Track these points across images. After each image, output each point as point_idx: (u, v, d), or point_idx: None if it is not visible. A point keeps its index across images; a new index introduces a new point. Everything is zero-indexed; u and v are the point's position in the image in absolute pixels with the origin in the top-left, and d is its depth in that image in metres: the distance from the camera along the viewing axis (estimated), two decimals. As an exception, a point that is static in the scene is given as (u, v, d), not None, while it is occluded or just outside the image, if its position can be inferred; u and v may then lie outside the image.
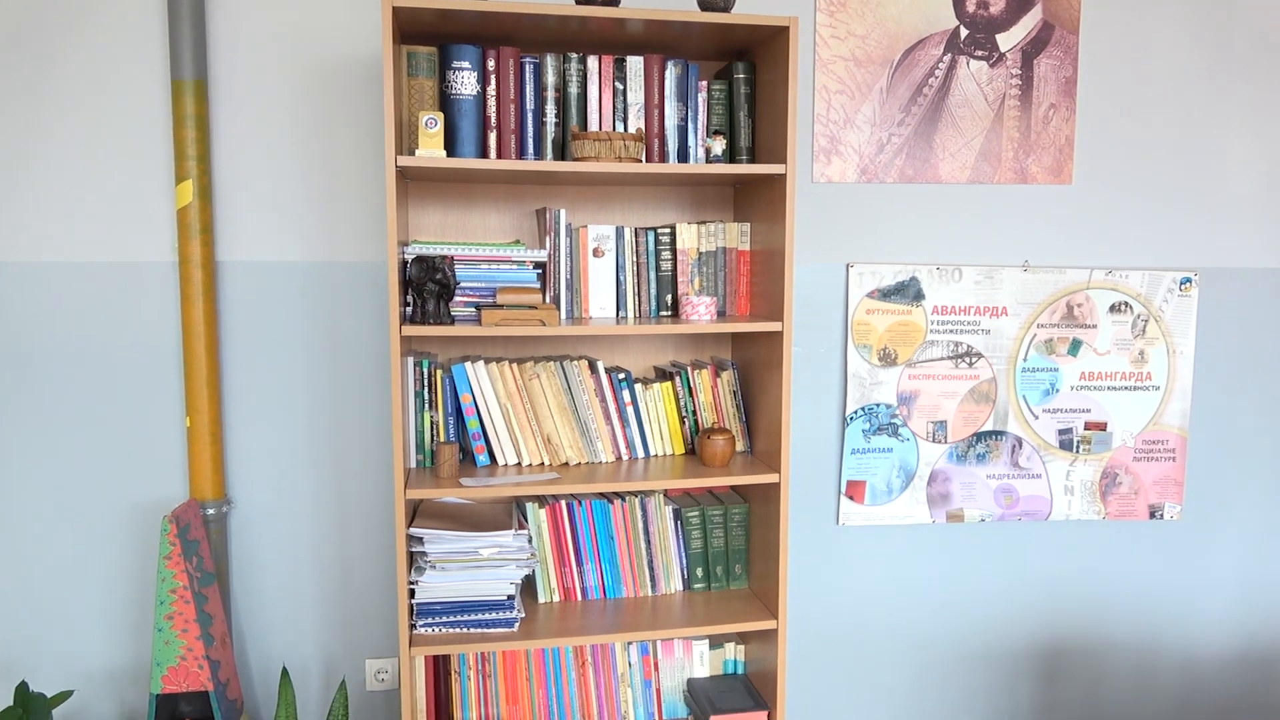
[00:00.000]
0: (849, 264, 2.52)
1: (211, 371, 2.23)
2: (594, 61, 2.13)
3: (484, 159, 1.99)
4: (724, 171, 2.08)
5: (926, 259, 2.56)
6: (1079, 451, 2.68)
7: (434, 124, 1.98)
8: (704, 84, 2.20)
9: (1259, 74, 2.66)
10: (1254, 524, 2.81)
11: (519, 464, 2.20)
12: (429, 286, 2.02)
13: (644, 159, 2.14)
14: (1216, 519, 2.79)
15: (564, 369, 2.21)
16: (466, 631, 2.10)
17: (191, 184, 2.17)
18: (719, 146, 2.15)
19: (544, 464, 2.20)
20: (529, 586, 2.35)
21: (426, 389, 2.19)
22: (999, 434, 2.63)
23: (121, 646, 2.33)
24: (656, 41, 2.15)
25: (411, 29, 2.07)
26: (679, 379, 2.30)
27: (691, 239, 2.26)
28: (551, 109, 2.11)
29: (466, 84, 2.05)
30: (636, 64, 2.14)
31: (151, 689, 2.05)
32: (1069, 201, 2.61)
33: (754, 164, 2.15)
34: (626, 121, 2.15)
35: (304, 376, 2.33)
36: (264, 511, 2.35)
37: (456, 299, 2.14)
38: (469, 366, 2.16)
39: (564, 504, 2.26)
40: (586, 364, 2.23)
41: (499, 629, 2.11)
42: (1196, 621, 2.82)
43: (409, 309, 2.09)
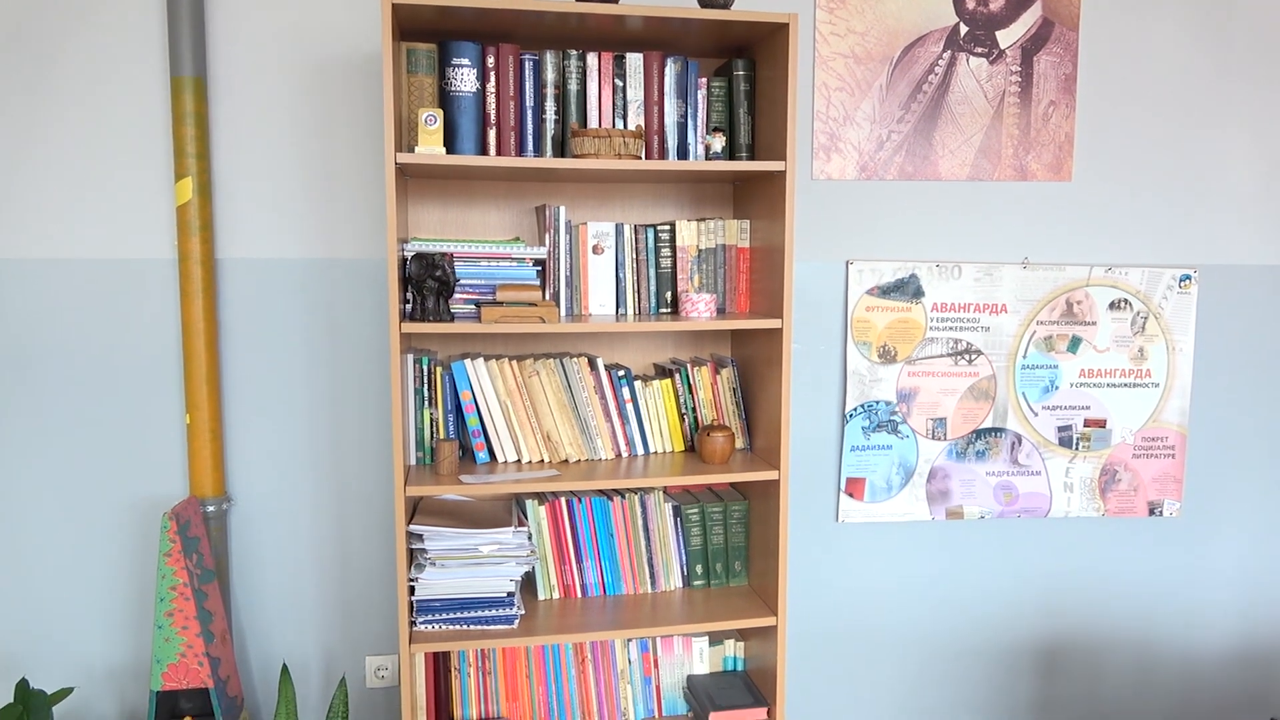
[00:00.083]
0: (848, 261, 2.52)
1: (211, 369, 2.23)
2: (593, 58, 2.12)
3: (483, 156, 1.98)
4: (723, 169, 2.07)
5: (926, 256, 2.57)
6: (1078, 448, 2.68)
7: (434, 121, 1.97)
8: (703, 81, 2.20)
9: (1259, 71, 2.66)
10: (1253, 521, 2.81)
11: (519, 461, 2.20)
12: (429, 284, 2.02)
13: (643, 156, 2.14)
14: (1215, 516, 2.79)
15: (564, 366, 2.21)
16: (466, 628, 2.10)
17: (191, 181, 2.17)
18: (718, 143, 2.15)
19: (544, 461, 2.21)
20: (529, 583, 2.35)
21: (426, 386, 2.19)
22: (998, 431, 2.64)
23: (122, 643, 2.33)
24: (656, 38, 2.15)
25: (411, 26, 2.06)
26: (678, 376, 2.30)
27: (691, 236, 2.26)
28: (551, 106, 2.11)
29: (466, 81, 2.05)
30: (636, 61, 2.14)
31: (152, 686, 2.06)
32: (1068, 198, 2.61)
33: (753, 161, 2.15)
34: (626, 118, 2.15)
35: (304, 374, 2.33)
36: (264, 509, 2.35)
37: (456, 296, 2.14)
38: (469, 364, 2.16)
39: (564, 501, 2.26)
40: (586, 361, 2.23)
41: (499, 626, 2.11)
42: (1195, 618, 2.82)
43: (409, 306, 2.09)
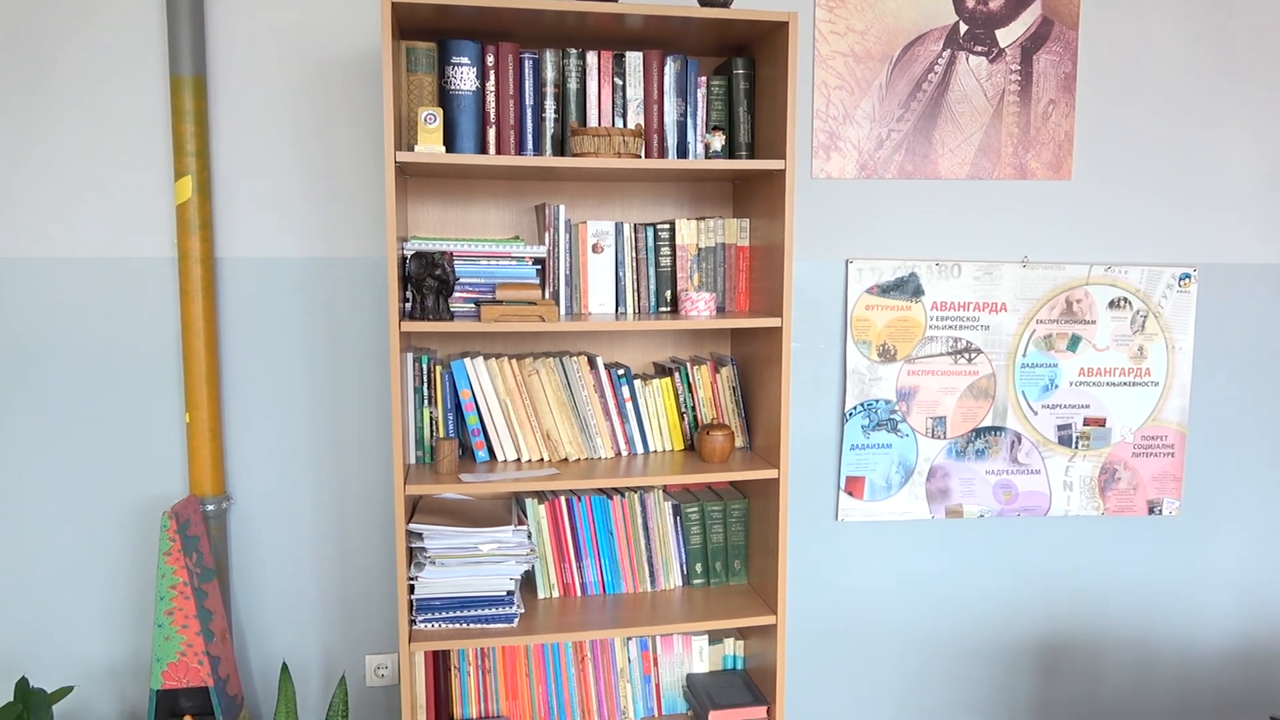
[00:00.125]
0: (848, 260, 2.52)
1: (211, 368, 2.23)
2: (593, 57, 2.12)
3: (483, 154, 1.98)
4: (723, 167, 2.07)
5: (926, 255, 2.56)
6: (1078, 447, 2.68)
7: (433, 120, 1.97)
8: (703, 80, 2.20)
9: (1259, 70, 2.66)
10: (1252, 519, 2.81)
11: (518, 460, 2.20)
12: (428, 282, 2.02)
13: (643, 155, 2.14)
14: (1215, 514, 2.79)
15: (563, 365, 2.21)
16: (466, 627, 2.10)
17: (191, 180, 2.17)
18: (718, 142, 2.15)
19: (543, 460, 2.21)
20: (528, 582, 2.35)
21: (426, 385, 2.19)
22: (998, 430, 2.64)
23: (122, 642, 2.33)
24: (656, 37, 2.15)
25: (411, 24, 2.06)
26: (678, 375, 2.30)
27: (691, 235, 2.26)
28: (551, 104, 2.11)
29: (466, 79, 2.05)
30: (636, 59, 2.14)
31: (152, 685, 2.06)
32: (1068, 197, 2.61)
33: (753, 160, 2.15)
34: (626, 117, 2.15)
35: (303, 373, 2.33)
36: (263, 507, 2.35)
37: (456, 295, 2.14)
38: (468, 362, 2.16)
39: (563, 500, 2.26)
40: (586, 360, 2.23)
41: (499, 624, 2.11)
42: (1195, 617, 2.83)
43: (408, 305, 2.09)
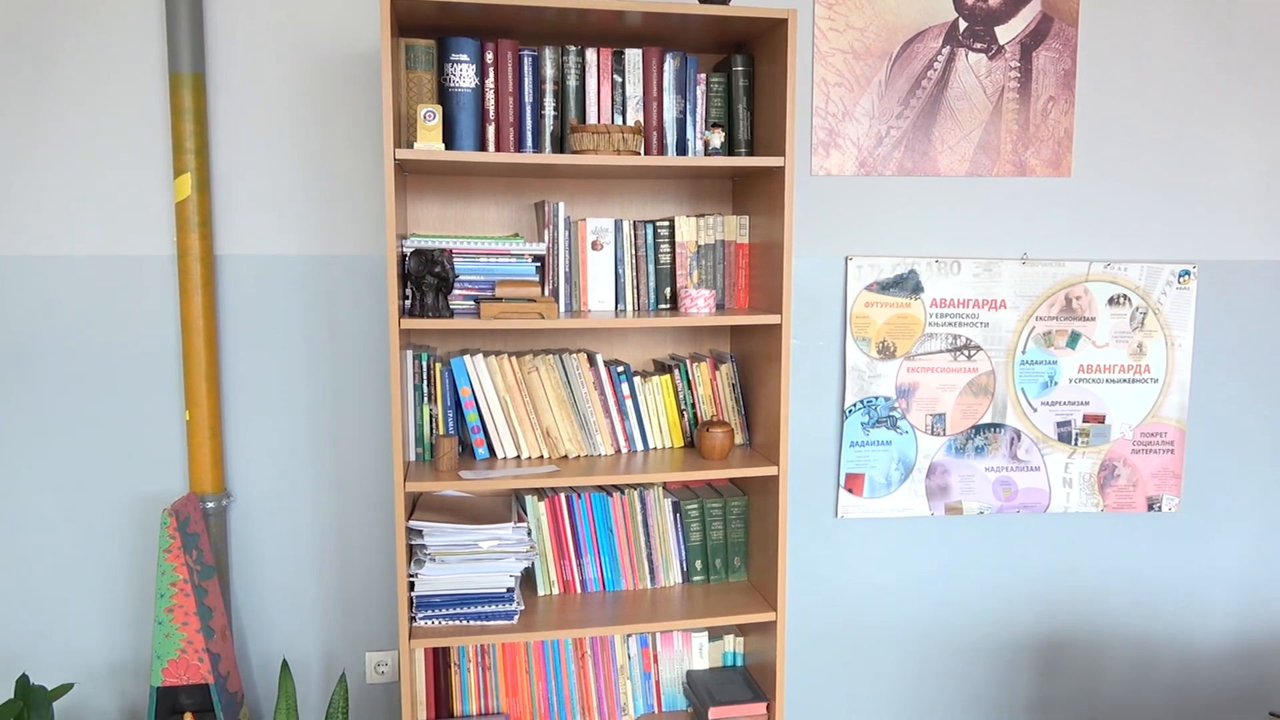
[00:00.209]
0: (848, 257, 2.52)
1: (210, 365, 2.23)
2: (592, 54, 2.12)
3: (482, 152, 1.98)
4: (722, 164, 2.07)
5: (925, 252, 2.57)
6: (1077, 444, 2.68)
7: (432, 117, 1.97)
8: (702, 77, 2.20)
9: (1258, 67, 2.66)
10: (1251, 516, 2.81)
11: (518, 457, 2.21)
12: (428, 280, 2.02)
13: (642, 152, 2.14)
14: (1214, 511, 2.79)
15: (563, 362, 2.21)
16: (466, 624, 2.11)
17: (190, 177, 2.17)
18: (717, 139, 2.15)
19: (543, 457, 2.21)
20: (528, 579, 2.36)
21: (425, 382, 2.19)
22: (998, 426, 2.64)
23: (122, 640, 2.33)
24: (655, 34, 2.15)
25: (410, 22, 2.06)
26: (678, 372, 2.30)
27: (690, 232, 2.26)
28: (550, 102, 2.11)
29: (465, 77, 2.05)
30: (635, 57, 2.14)
31: (152, 682, 2.06)
32: (1067, 194, 2.61)
33: (752, 157, 2.15)
34: (625, 114, 2.15)
35: (303, 370, 2.33)
36: (263, 505, 2.35)
37: (455, 292, 2.14)
38: (468, 360, 2.16)
39: (563, 497, 2.26)
40: (585, 357, 2.23)
41: (498, 621, 2.11)
42: (1194, 613, 2.83)
43: (408, 302, 2.09)
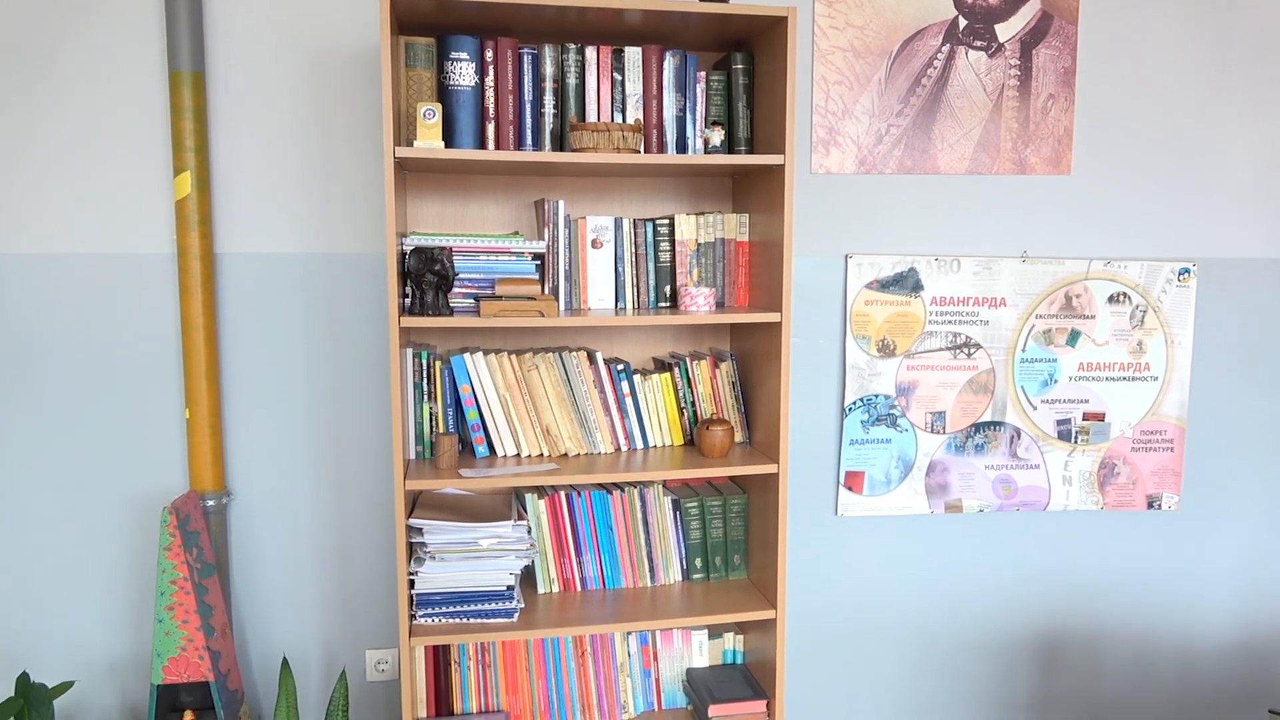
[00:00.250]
0: (847, 255, 2.52)
1: (210, 363, 2.23)
2: (592, 52, 2.12)
3: (482, 150, 1.98)
4: (722, 162, 2.07)
5: (925, 250, 2.57)
6: (1077, 442, 2.68)
7: (432, 115, 1.97)
8: (702, 75, 2.20)
9: (1258, 65, 2.66)
10: (1251, 514, 2.82)
11: (518, 455, 2.21)
12: (428, 278, 2.02)
13: (642, 150, 2.14)
14: (1214, 509, 2.79)
15: (563, 360, 2.21)
16: (466, 622, 2.11)
17: (190, 176, 2.17)
18: (717, 137, 2.15)
19: (543, 455, 2.21)
20: (528, 577, 2.36)
21: (425, 380, 2.19)
22: (997, 424, 2.64)
23: (122, 637, 2.34)
24: (655, 32, 2.15)
25: (409, 20, 2.06)
26: (678, 370, 2.30)
27: (690, 230, 2.26)
28: (550, 100, 2.11)
29: (465, 75, 2.05)
30: (635, 55, 2.14)
31: (152, 680, 2.06)
32: (1067, 192, 2.61)
33: (752, 155, 2.15)
34: (625, 112, 2.15)
35: (303, 368, 2.33)
36: (264, 503, 2.35)
37: (455, 290, 2.14)
38: (468, 358, 2.16)
39: (563, 495, 2.27)
40: (585, 355, 2.23)
41: (498, 619, 2.11)
42: (1194, 611, 2.83)
43: (408, 300, 2.09)
